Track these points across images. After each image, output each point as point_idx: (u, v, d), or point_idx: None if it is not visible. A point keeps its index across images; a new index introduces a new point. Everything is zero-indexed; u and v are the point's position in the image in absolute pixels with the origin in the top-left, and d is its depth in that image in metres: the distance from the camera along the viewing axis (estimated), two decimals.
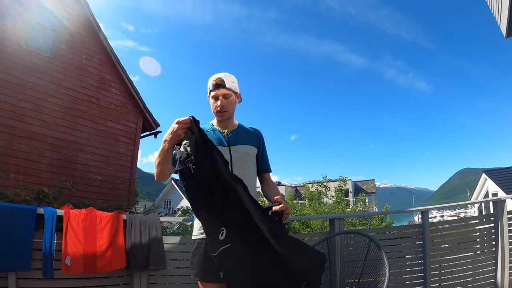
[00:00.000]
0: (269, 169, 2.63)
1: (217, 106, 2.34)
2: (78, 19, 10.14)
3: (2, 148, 8.14)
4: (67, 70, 9.75)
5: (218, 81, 2.33)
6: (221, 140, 2.38)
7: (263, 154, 2.58)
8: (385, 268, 2.63)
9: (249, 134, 2.50)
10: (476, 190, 23.06)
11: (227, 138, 2.39)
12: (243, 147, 2.40)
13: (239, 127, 2.51)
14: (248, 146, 2.43)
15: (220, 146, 2.32)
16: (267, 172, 2.61)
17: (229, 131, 2.43)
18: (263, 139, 2.60)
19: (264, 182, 2.59)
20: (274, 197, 2.19)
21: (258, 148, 2.53)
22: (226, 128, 2.44)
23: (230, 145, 2.36)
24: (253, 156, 2.47)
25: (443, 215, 60.71)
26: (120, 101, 11.12)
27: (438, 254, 3.93)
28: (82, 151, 9.87)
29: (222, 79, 2.33)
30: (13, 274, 2.87)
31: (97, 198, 9.33)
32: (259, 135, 2.57)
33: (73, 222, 3.01)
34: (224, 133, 2.41)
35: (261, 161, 2.56)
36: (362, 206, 21.28)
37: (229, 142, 2.38)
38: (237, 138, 2.42)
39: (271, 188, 2.55)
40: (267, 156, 2.63)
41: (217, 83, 2.33)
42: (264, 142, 2.61)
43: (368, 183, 51.81)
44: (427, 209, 4.01)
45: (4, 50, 8.46)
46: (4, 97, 8.33)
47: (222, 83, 2.33)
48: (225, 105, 2.35)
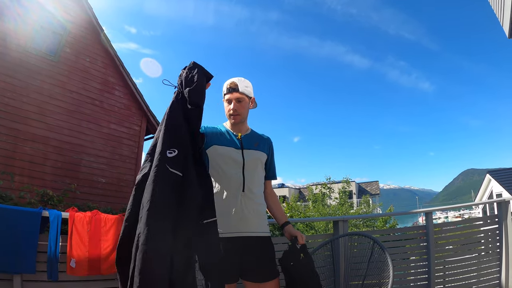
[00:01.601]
0: (275, 177, 2.68)
1: (230, 109, 2.42)
2: (81, 23, 10.20)
3: (7, 151, 8.18)
4: (71, 73, 9.80)
5: (232, 85, 2.42)
6: (235, 142, 2.42)
7: (271, 161, 2.65)
8: (389, 270, 2.63)
9: (261, 141, 2.56)
10: (480, 191, 22.96)
11: (240, 141, 2.44)
12: (255, 152, 2.45)
13: (251, 132, 2.57)
14: (260, 152, 2.49)
15: (233, 148, 2.39)
16: (271, 179, 2.68)
17: (242, 135, 2.48)
18: (273, 148, 2.67)
19: (267, 191, 2.63)
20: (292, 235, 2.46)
21: (268, 155, 2.58)
22: (240, 132, 2.49)
23: (243, 149, 2.41)
24: (263, 162, 2.53)
25: (447, 216, 60.53)
26: (124, 104, 11.17)
27: (443, 256, 3.92)
28: (86, 153, 9.91)
29: (236, 83, 2.42)
30: (18, 276, 2.87)
31: (101, 201, 9.33)
32: (269, 143, 2.63)
33: (78, 224, 3.03)
34: (238, 136, 2.45)
35: (269, 168, 2.62)
36: (366, 207, 21.27)
37: (242, 145, 2.42)
38: (250, 142, 2.48)
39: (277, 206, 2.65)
40: (274, 164, 2.69)
41: (230, 87, 2.43)
42: (273, 150, 2.67)
43: (372, 185, 51.71)
44: (431, 210, 4.00)
45: (8, 54, 8.51)
46: (8, 100, 8.37)
47: (235, 87, 2.41)
48: (237, 108, 2.42)
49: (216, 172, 2.35)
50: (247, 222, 2.29)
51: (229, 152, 2.36)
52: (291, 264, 2.38)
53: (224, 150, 2.36)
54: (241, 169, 2.35)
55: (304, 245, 2.42)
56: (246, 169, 2.36)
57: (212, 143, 2.38)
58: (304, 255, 2.40)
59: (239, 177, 2.33)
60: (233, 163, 2.35)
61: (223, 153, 2.36)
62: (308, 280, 2.36)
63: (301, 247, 2.41)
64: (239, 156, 2.37)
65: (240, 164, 2.36)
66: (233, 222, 2.24)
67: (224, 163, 2.35)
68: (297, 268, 2.37)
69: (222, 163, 2.35)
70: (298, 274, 2.36)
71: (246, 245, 2.24)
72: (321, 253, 3.36)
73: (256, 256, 2.28)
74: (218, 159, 2.36)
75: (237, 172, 2.34)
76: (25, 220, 2.92)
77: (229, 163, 2.35)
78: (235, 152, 2.38)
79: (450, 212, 62.85)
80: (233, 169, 2.34)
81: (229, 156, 2.35)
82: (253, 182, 2.38)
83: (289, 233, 2.48)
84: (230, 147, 2.39)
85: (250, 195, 2.33)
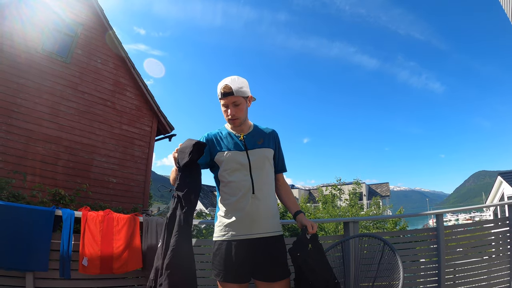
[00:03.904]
0: (285, 169, 2.65)
1: (228, 114, 2.36)
2: (92, 24, 10.32)
3: (19, 150, 8.30)
4: (82, 75, 9.91)
5: (226, 90, 2.31)
6: (238, 145, 2.40)
7: (279, 154, 2.60)
8: (400, 272, 2.62)
9: (265, 136, 2.51)
10: (491, 193, 22.73)
11: (243, 142, 2.41)
12: (260, 151, 2.41)
13: (254, 128, 2.53)
14: (265, 149, 2.44)
15: (237, 151, 2.36)
16: (282, 172, 2.64)
17: (244, 135, 2.44)
18: (279, 139, 2.62)
19: (278, 183, 2.61)
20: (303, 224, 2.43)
21: (275, 149, 2.54)
22: (242, 132, 2.45)
23: (247, 149, 2.38)
24: (271, 158, 2.49)
25: (458, 218, 59.97)
26: (135, 105, 11.25)
27: (453, 258, 3.89)
28: (97, 154, 10.00)
29: (229, 86, 2.31)
30: (30, 274, 2.91)
31: (112, 201, 9.43)
32: (274, 135, 2.58)
33: (90, 224, 3.06)
34: (240, 137, 2.42)
35: (277, 161, 2.58)
36: (376, 209, 21.18)
37: (246, 146, 2.39)
38: (254, 141, 2.44)
39: (289, 196, 2.64)
40: (283, 156, 2.65)
41: (224, 92, 2.31)
42: (280, 142, 2.62)
43: (382, 186, 51.43)
44: (441, 212, 3.95)
45: (21, 56, 8.63)
46: (21, 101, 8.49)
47: (229, 91, 2.31)
48: (235, 113, 2.35)
49: (224, 178, 2.36)
50: (259, 223, 2.30)
51: (234, 156, 2.35)
52: (298, 255, 2.34)
53: (228, 155, 2.35)
54: (248, 171, 2.33)
55: (315, 235, 2.39)
56: (254, 170, 2.34)
57: (216, 150, 2.38)
58: (313, 246, 2.38)
59: (248, 179, 2.32)
60: (239, 166, 2.34)
61: (228, 158, 2.34)
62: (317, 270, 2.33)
63: (311, 237, 2.39)
64: (244, 158, 2.35)
65: (246, 166, 2.34)
66: (245, 225, 2.25)
67: (231, 168, 2.34)
68: (304, 258, 2.34)
69: (229, 168, 2.34)
70: (306, 264, 2.33)
71: (259, 246, 2.25)
72: (332, 254, 3.35)
73: (268, 256, 2.29)
74: (225, 165, 2.35)
75: (245, 175, 2.32)
76: (39, 218, 2.96)
77: (235, 167, 2.34)
78: (240, 155, 2.35)
79: (460, 214, 62.26)
80: (241, 172, 2.33)
81: (235, 160, 2.34)
82: (262, 182, 2.36)
83: (300, 222, 2.46)
84: (234, 151, 2.37)
85: (260, 196, 2.32)
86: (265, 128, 2.58)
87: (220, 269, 2.26)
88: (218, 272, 2.27)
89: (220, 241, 2.31)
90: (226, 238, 2.26)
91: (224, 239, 2.28)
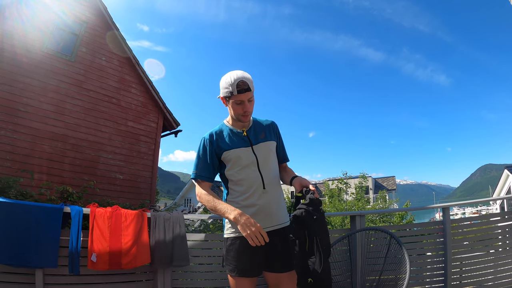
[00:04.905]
0: (287, 159, 2.65)
1: (244, 111, 2.28)
2: (96, 22, 10.35)
3: (26, 149, 8.37)
4: (87, 72, 9.95)
5: (244, 86, 2.21)
6: (243, 141, 2.38)
7: (280, 145, 2.61)
8: (406, 265, 2.63)
9: (266, 129, 2.50)
10: (498, 186, 22.65)
11: (247, 138, 2.39)
12: (265, 144, 2.41)
13: (254, 122, 2.50)
14: (268, 142, 2.44)
15: (243, 148, 2.36)
16: (285, 162, 2.64)
17: (246, 130, 2.42)
18: (279, 129, 2.61)
19: (281, 168, 2.62)
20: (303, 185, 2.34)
21: (277, 141, 2.54)
22: (243, 127, 2.43)
23: (252, 145, 2.37)
24: (274, 150, 2.50)
25: (465, 212, 59.79)
26: (140, 101, 11.27)
27: (459, 252, 3.88)
28: (104, 151, 10.06)
29: (246, 82, 2.22)
30: (40, 270, 2.95)
31: (119, 197, 9.45)
32: (274, 127, 2.58)
33: (99, 220, 3.09)
34: (243, 133, 2.40)
35: (280, 153, 2.59)
36: (383, 203, 21.15)
37: (250, 142, 2.38)
38: (256, 136, 2.43)
39: (287, 171, 2.63)
40: (283, 146, 2.65)
41: (243, 88, 2.21)
42: (280, 132, 2.62)
43: (389, 180, 51.35)
44: (448, 205, 3.93)
45: (26, 55, 8.69)
46: (27, 100, 8.56)
47: (247, 86, 2.22)
48: (250, 108, 2.31)
49: (233, 176, 2.35)
50: (271, 217, 2.32)
51: (241, 154, 2.34)
52: (314, 217, 2.15)
53: (235, 153, 2.34)
54: (256, 167, 2.33)
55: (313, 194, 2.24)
56: (261, 166, 2.34)
57: (223, 150, 2.36)
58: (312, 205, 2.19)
59: (257, 175, 2.32)
60: (248, 163, 2.33)
61: (236, 156, 2.33)
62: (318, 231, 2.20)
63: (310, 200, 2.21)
64: (250, 154, 2.34)
65: (254, 162, 2.34)
66: (259, 220, 2.22)
67: (239, 165, 2.34)
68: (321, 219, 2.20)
69: (237, 167, 2.34)
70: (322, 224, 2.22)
71: (272, 239, 2.24)
72: (338, 248, 3.37)
73: (279, 246, 2.31)
74: (233, 164, 2.35)
75: (254, 171, 2.32)
76: (47, 216, 2.99)
77: (244, 165, 2.33)
78: (246, 151, 2.34)
79: (467, 208, 62.06)
80: (250, 169, 2.33)
81: (242, 158, 2.33)
82: (271, 176, 2.37)
83: (299, 183, 2.36)
84: (240, 148, 2.35)
85: (270, 190, 2.33)
86: (264, 120, 2.57)
87: (235, 265, 2.28)
88: (233, 268, 2.28)
89: (233, 237, 2.31)
90: (240, 234, 2.22)
91: (237, 235, 2.28)
